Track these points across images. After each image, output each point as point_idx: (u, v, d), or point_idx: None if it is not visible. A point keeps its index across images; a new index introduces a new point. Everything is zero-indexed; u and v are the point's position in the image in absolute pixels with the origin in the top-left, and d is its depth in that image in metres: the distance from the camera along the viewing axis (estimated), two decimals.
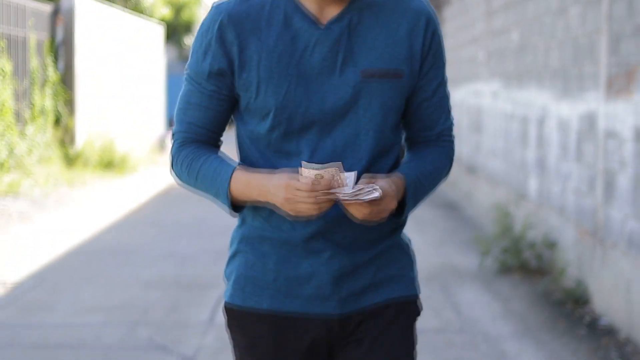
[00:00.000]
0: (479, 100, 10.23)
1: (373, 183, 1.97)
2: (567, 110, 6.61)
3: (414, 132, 2.27)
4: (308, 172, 1.94)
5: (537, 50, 7.56)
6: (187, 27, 29.41)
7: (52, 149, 12.99)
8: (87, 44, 14.45)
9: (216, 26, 2.13)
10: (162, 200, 11.60)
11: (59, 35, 13.91)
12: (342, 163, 2.02)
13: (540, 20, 7.44)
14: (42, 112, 12.94)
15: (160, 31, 20.71)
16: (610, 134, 5.65)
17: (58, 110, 13.55)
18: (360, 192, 1.94)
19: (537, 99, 7.51)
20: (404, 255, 2.27)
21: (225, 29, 2.12)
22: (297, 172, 1.98)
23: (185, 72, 2.24)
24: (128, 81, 17.14)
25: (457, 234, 8.92)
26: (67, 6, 13.98)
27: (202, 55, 2.15)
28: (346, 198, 1.94)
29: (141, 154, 16.99)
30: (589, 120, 6.08)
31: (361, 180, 1.99)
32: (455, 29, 12.25)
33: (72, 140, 13.82)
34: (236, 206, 2.14)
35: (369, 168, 2.11)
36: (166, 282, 6.78)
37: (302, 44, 2.10)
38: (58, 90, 13.57)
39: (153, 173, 15.20)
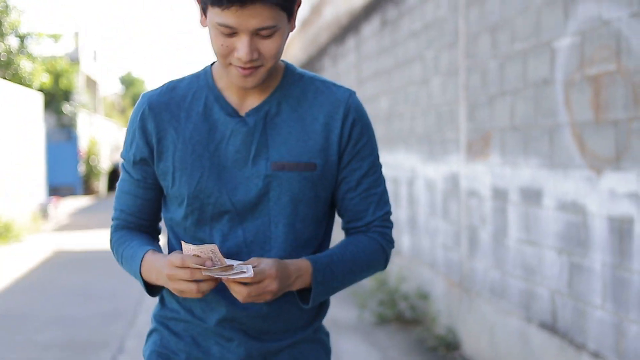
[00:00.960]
0: None
1: (252, 264, 1.97)
2: (433, 172, 7.19)
3: (345, 222, 2.28)
4: (187, 251, 1.96)
5: (404, 117, 8.14)
6: (65, 95, 29.29)
7: None
8: None
9: (139, 116, 2.18)
10: (49, 266, 11.68)
11: None
12: (252, 253, 2.11)
13: (405, 89, 8.03)
14: None
15: (39, 99, 20.73)
16: (472, 193, 6.22)
17: None
18: (229, 270, 1.93)
19: (406, 161, 8.08)
20: (321, 349, 2.29)
21: (147, 118, 2.17)
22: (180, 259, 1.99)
23: (120, 162, 2.29)
24: (8, 149, 17.14)
25: None
26: None
27: (129, 145, 2.21)
28: (215, 275, 1.92)
29: (24, 221, 16.94)
30: (453, 181, 6.65)
31: (243, 262, 1.99)
32: None
33: None
34: (154, 287, 2.18)
35: (281, 259, 2.10)
36: (60, 345, 6.98)
37: (218, 135, 2.13)
38: None
39: (37, 240, 15.20)
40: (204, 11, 2.04)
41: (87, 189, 31.93)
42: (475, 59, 6.06)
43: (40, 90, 23.27)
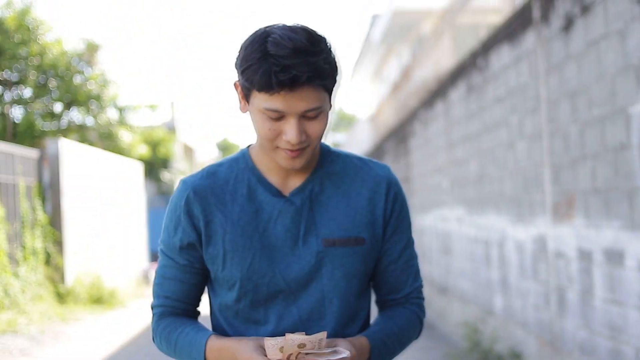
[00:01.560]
0: (447, 225, 10.93)
1: (335, 346, 2.01)
2: (522, 234, 7.36)
3: (382, 295, 2.30)
4: (270, 345, 1.96)
5: (492, 179, 8.35)
6: (164, 163, 30.18)
7: (44, 287, 13.50)
8: (73, 185, 15.11)
9: (183, 201, 2.19)
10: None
11: (46, 178, 14.58)
12: (308, 330, 2.12)
13: (493, 153, 8.26)
14: (33, 252, 13.49)
15: (139, 168, 21.47)
16: (559, 254, 6.37)
17: (47, 250, 14.12)
18: (329, 354, 1.96)
19: (496, 223, 8.26)
20: None
21: (192, 203, 2.18)
22: (262, 342, 2.02)
23: (159, 247, 2.28)
24: (112, 218, 17.80)
25: (432, 351, 9.46)
26: (53, 150, 14.66)
27: (172, 230, 2.21)
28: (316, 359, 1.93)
29: (127, 288, 17.52)
30: (541, 242, 6.82)
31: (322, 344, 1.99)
32: (420, 158, 13.07)
33: (62, 278, 14.33)
34: None
35: (334, 335, 2.15)
36: None
37: (265, 215, 2.16)
38: (47, 231, 14.15)
39: (140, 306, 15.69)
40: (245, 97, 2.06)
41: None
42: (557, 123, 6.26)
43: (140, 159, 24.04)
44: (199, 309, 2.31)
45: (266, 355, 1.97)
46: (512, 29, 7.46)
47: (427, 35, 14.78)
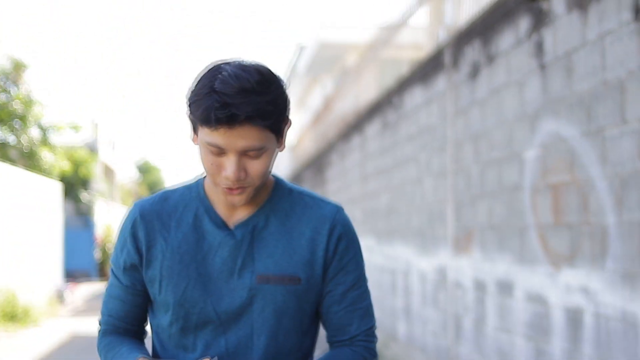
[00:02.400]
0: None
1: None
2: (426, 264, 7.79)
3: (329, 335, 2.28)
4: None
5: (401, 212, 8.78)
6: (84, 183, 30.10)
7: None
8: None
9: (130, 224, 2.23)
10: (65, 350, 12.20)
11: None
12: None
13: (402, 187, 8.70)
14: None
15: (58, 188, 21.45)
16: (457, 284, 6.81)
17: None
18: None
19: (402, 254, 8.69)
20: None
21: (138, 226, 2.21)
22: None
23: (110, 265, 2.32)
24: (28, 236, 17.80)
25: None
26: None
27: (119, 251, 2.25)
28: None
29: (41, 306, 17.51)
30: (441, 273, 7.25)
31: None
32: (336, 188, 13.49)
33: None
34: None
35: None
36: None
37: (206, 245, 2.17)
38: None
39: (54, 324, 15.72)
40: (194, 130, 2.09)
41: (102, 275, 32.47)
42: (461, 163, 6.72)
43: (60, 179, 24.00)
44: (145, 328, 2.36)
45: None
46: (425, 72, 7.93)
47: (350, 68, 15.23)
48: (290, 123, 2.13)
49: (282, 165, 27.28)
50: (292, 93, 30.74)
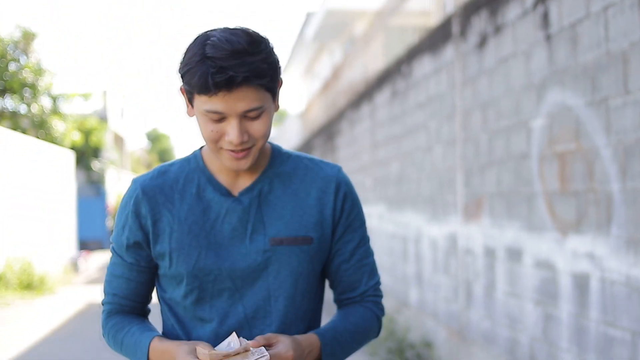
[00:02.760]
0: (369, 221, 11.45)
1: (273, 344, 2.05)
2: (436, 231, 7.93)
3: (338, 293, 2.33)
4: (201, 352, 2.00)
5: (411, 180, 8.91)
6: (95, 152, 30.28)
7: None
8: (4, 172, 15.32)
9: (132, 201, 2.22)
10: (82, 317, 12.42)
11: None
12: (253, 328, 2.16)
13: (412, 155, 8.82)
14: None
15: (71, 157, 21.65)
16: (468, 251, 6.95)
17: None
18: (248, 355, 1.97)
19: (413, 221, 8.83)
20: None
21: (140, 203, 2.21)
22: (194, 347, 2.06)
23: (110, 244, 2.31)
24: (42, 205, 18.01)
25: None
26: None
27: (121, 229, 2.24)
28: None
29: (57, 275, 17.76)
30: (452, 240, 7.39)
31: (259, 339, 2.04)
32: (346, 156, 13.61)
33: None
34: None
35: (279, 333, 2.16)
36: None
37: (213, 214, 2.18)
38: None
39: (70, 292, 15.97)
40: (190, 101, 2.10)
41: None
42: (469, 131, 6.83)
43: (71, 148, 24.18)
44: (149, 305, 2.36)
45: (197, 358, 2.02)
46: (433, 41, 8.02)
47: (359, 36, 15.28)
48: (282, 82, 2.16)
49: (292, 133, 27.38)
50: (300, 60, 30.77)
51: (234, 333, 2.05)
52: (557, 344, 5.12)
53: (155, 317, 2.35)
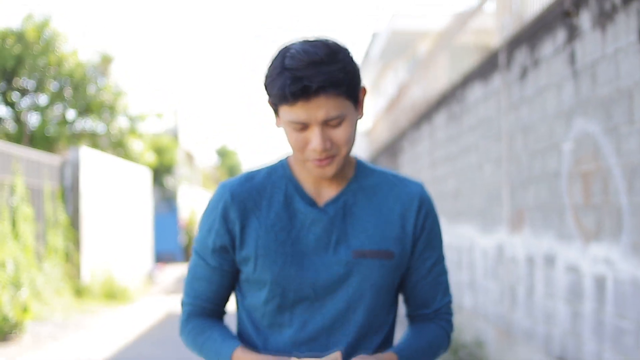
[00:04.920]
0: None
1: None
2: (486, 241, 8.79)
3: (412, 309, 2.35)
4: None
5: (465, 195, 9.78)
6: (168, 169, 31.51)
7: (64, 282, 14.85)
8: (90, 189, 16.46)
9: (221, 205, 2.24)
10: (164, 323, 13.47)
11: (67, 182, 15.93)
12: (331, 337, 2.19)
13: (466, 172, 9.69)
14: (55, 250, 14.88)
15: (148, 174, 22.82)
16: (512, 259, 7.80)
17: (67, 249, 15.48)
18: None
19: (467, 233, 9.69)
20: None
21: (229, 207, 2.22)
22: None
23: (193, 246, 2.33)
24: (123, 221, 19.19)
25: None
26: (74, 157, 16.02)
27: (207, 232, 2.26)
28: None
29: (136, 286, 18.92)
30: (499, 249, 8.25)
31: None
32: (409, 173, 14.47)
33: (79, 274, 15.70)
34: None
35: (355, 344, 2.19)
36: None
37: (299, 223, 2.19)
38: (67, 231, 15.52)
39: (149, 302, 17.06)
40: (276, 112, 2.13)
41: (187, 257, 33.90)
42: (513, 152, 7.69)
43: (147, 166, 25.38)
44: (226, 308, 2.40)
45: None
46: (484, 70, 8.90)
47: (422, 57, 16.05)
48: (366, 90, 2.17)
49: (359, 150, 28.23)
50: (366, 78, 31.71)
51: (338, 352, 2.08)
52: (582, 336, 5.95)
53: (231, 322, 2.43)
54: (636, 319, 5.05)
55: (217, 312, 2.35)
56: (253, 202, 2.23)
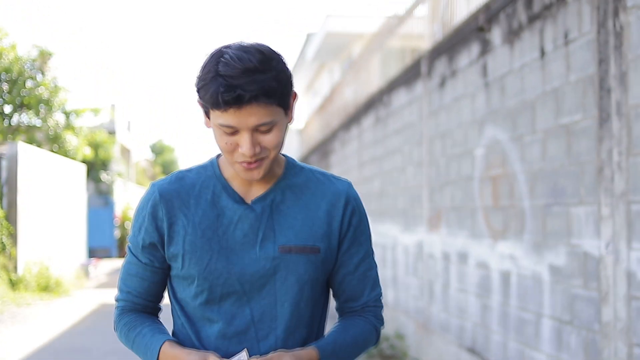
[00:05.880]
0: None
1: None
2: (408, 239, 9.28)
3: (341, 302, 2.39)
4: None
5: (389, 195, 10.27)
6: (104, 164, 31.52)
7: None
8: (26, 183, 16.60)
9: (149, 204, 2.27)
10: (97, 314, 13.73)
11: (3, 177, 16.02)
12: (259, 331, 2.22)
13: (391, 174, 10.18)
14: None
15: (82, 169, 22.92)
16: (430, 256, 8.29)
17: (2, 242, 15.61)
18: None
19: (390, 231, 10.18)
20: None
21: (157, 206, 2.25)
22: (205, 357, 2.12)
23: (127, 244, 2.35)
24: (58, 215, 19.34)
25: None
26: (12, 152, 16.11)
27: (137, 230, 2.29)
28: None
29: (70, 279, 19.09)
30: (419, 247, 8.73)
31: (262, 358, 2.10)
32: (338, 173, 14.92)
33: (14, 267, 15.83)
34: None
35: (284, 337, 2.23)
36: None
37: (226, 220, 2.23)
38: (3, 224, 15.64)
39: (83, 295, 17.28)
40: (206, 114, 2.14)
41: (122, 252, 33.93)
42: (433, 156, 8.18)
43: (82, 161, 25.44)
44: (160, 304, 2.42)
45: None
46: (408, 77, 9.38)
47: (355, 59, 16.41)
48: (297, 95, 2.20)
49: (291, 148, 28.59)
50: (300, 78, 32.13)
51: (245, 349, 2.15)
52: (490, 327, 6.45)
53: (166, 316, 2.44)
54: (535, 311, 5.55)
55: (150, 308, 2.39)
56: (181, 200, 2.26)
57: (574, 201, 4.95)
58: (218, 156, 2.35)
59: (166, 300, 2.36)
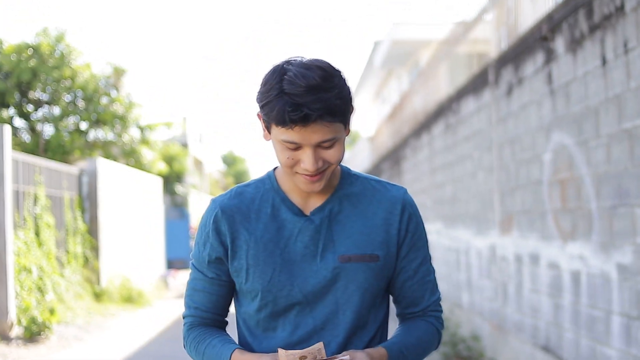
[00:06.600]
0: (429, 237, 13.00)
1: (347, 356, 2.11)
2: (480, 243, 9.52)
3: (402, 308, 2.41)
4: (283, 354, 2.09)
5: (461, 200, 10.52)
6: (178, 177, 32.18)
7: (83, 287, 15.57)
8: (107, 198, 17.18)
9: (212, 219, 2.30)
10: (180, 323, 14.12)
11: (85, 192, 16.62)
12: (322, 339, 2.24)
13: (462, 180, 10.44)
14: (75, 256, 15.60)
15: (159, 183, 23.54)
16: (503, 258, 8.53)
17: (86, 255, 16.19)
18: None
19: (463, 236, 10.43)
20: None
21: (220, 221, 2.29)
22: (277, 357, 2.14)
23: (190, 261, 2.40)
24: (137, 228, 19.93)
25: None
26: (91, 167, 16.71)
27: (202, 246, 2.33)
28: None
29: (150, 290, 19.65)
30: (492, 250, 8.98)
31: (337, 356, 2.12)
32: (410, 179, 15.22)
33: (97, 279, 16.41)
34: None
35: (345, 343, 2.26)
36: None
37: (287, 232, 2.25)
38: (86, 238, 16.22)
39: (163, 305, 17.80)
40: (267, 128, 2.17)
41: None
42: (503, 161, 8.43)
43: (158, 174, 26.06)
44: (227, 318, 2.46)
45: None
46: (476, 85, 9.64)
47: (423, 67, 16.56)
48: (354, 109, 2.20)
49: (362, 156, 28.82)
50: (369, 85, 32.39)
51: (321, 342, 2.13)
52: (562, 326, 6.69)
53: (229, 328, 2.49)
54: (605, 308, 5.79)
55: (218, 322, 2.42)
56: (242, 215, 2.29)
57: (638, 202, 5.19)
58: (275, 169, 2.39)
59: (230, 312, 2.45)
